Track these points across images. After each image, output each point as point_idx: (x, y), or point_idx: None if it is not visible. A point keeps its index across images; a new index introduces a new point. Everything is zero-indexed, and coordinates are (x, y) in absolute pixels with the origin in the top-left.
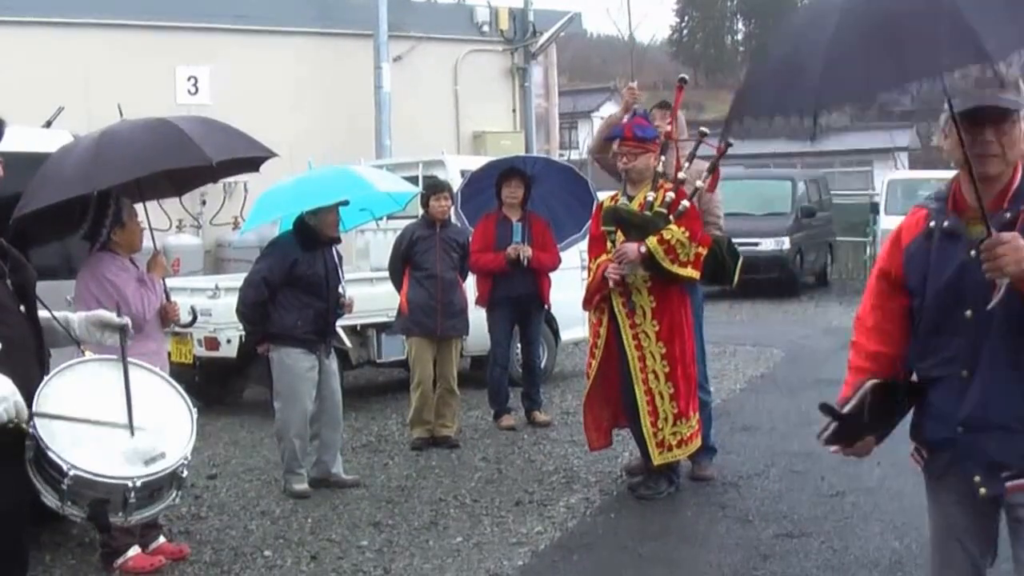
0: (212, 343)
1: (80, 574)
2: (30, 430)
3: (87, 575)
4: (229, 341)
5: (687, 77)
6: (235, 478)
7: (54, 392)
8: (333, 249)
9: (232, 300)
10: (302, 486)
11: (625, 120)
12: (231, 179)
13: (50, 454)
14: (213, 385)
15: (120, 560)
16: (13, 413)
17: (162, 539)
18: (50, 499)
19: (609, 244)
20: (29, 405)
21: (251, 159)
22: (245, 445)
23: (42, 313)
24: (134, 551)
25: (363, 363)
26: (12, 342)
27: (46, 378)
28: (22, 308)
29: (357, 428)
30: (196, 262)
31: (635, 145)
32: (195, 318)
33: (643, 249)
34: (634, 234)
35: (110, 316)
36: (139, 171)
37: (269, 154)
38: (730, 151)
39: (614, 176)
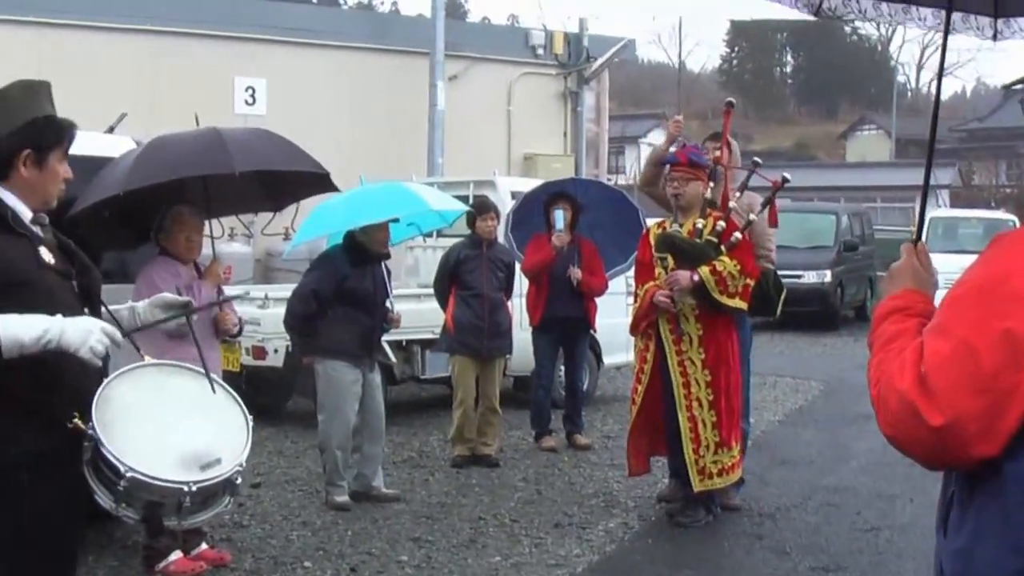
0: (260, 352)
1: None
2: (88, 431)
3: None
4: (276, 351)
5: (734, 101)
6: (278, 487)
7: (114, 393)
8: (382, 264)
9: (281, 311)
10: (343, 498)
11: (673, 149)
12: None
13: (107, 455)
14: (259, 394)
15: (162, 563)
16: (106, 340)
17: (204, 545)
18: (105, 500)
19: (659, 271)
20: (88, 410)
21: (318, 176)
22: (289, 455)
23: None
24: (176, 555)
25: (407, 378)
26: None
27: (106, 380)
28: (86, 310)
29: (399, 443)
30: (246, 271)
31: (687, 171)
32: (241, 329)
33: (695, 278)
34: (686, 262)
35: (172, 296)
36: (165, 176)
37: (319, 170)
38: (758, 178)
39: (663, 208)
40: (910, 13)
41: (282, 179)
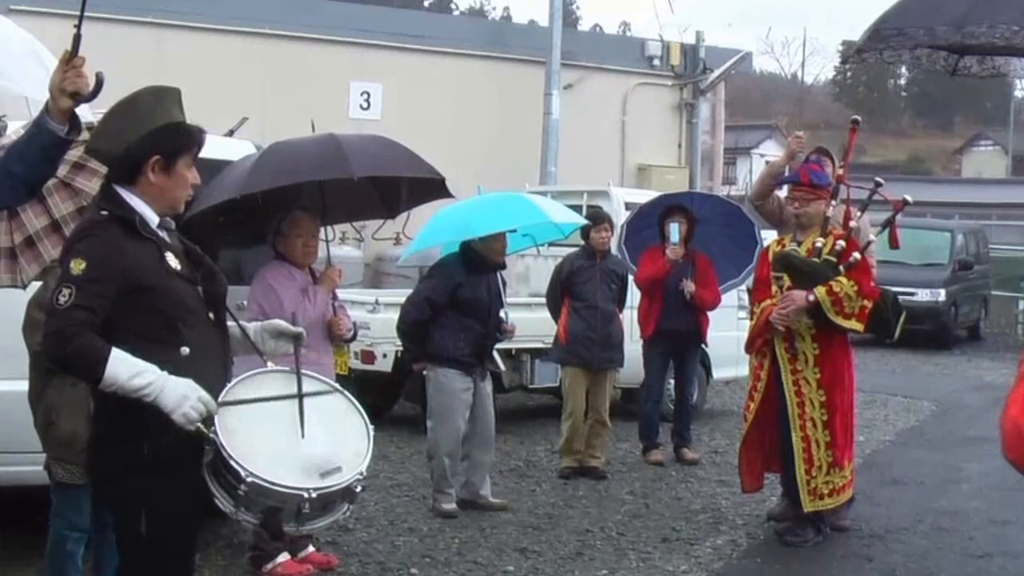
0: (369, 357)
1: (229, 575)
2: (211, 435)
3: None
4: (385, 356)
5: (859, 119)
6: (383, 492)
7: (236, 398)
8: (498, 274)
9: (391, 316)
10: (450, 506)
11: (796, 166)
12: None
13: (229, 460)
14: (367, 398)
15: (269, 565)
16: (202, 408)
17: (312, 548)
18: (225, 504)
19: (776, 289)
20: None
21: (433, 183)
22: (395, 460)
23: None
24: (283, 557)
25: (515, 387)
26: (199, 348)
27: (229, 385)
28: (211, 316)
29: (506, 452)
30: (356, 275)
31: (808, 191)
32: (355, 334)
33: (811, 298)
34: (803, 281)
35: (285, 325)
36: (284, 181)
37: (435, 175)
38: (879, 198)
39: (771, 223)
40: None
41: (397, 185)
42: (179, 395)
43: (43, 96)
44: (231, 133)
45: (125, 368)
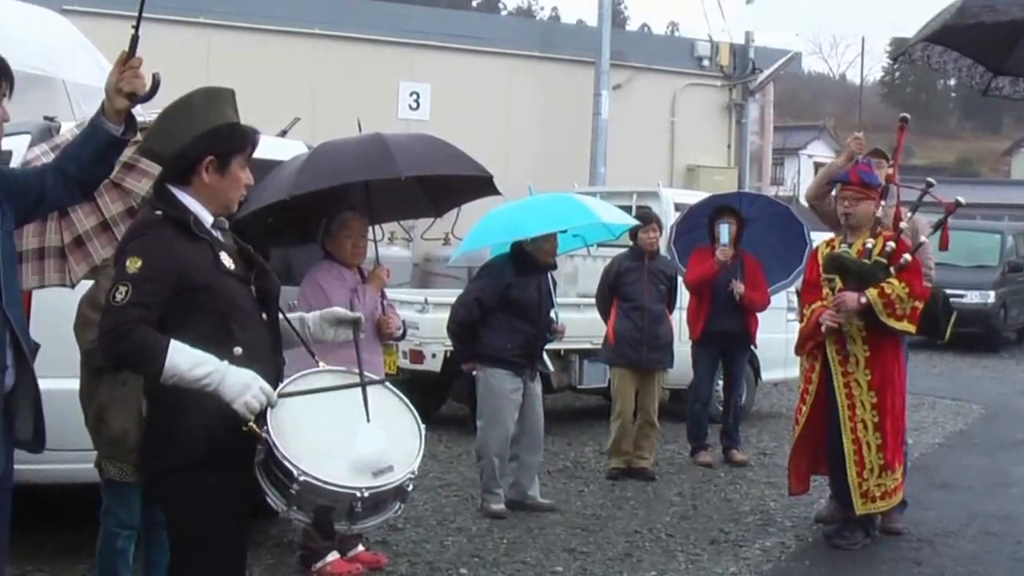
0: (417, 356)
1: (278, 574)
2: (263, 434)
3: (285, 575)
4: (434, 356)
5: (908, 117)
6: (432, 492)
7: (288, 398)
8: (548, 275)
9: (440, 315)
10: (499, 506)
11: (848, 167)
12: None
13: (281, 459)
14: (415, 398)
15: (319, 564)
16: (263, 398)
17: (361, 547)
18: (276, 503)
19: (827, 291)
20: (265, 411)
21: (481, 181)
22: (443, 460)
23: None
24: (333, 556)
25: (563, 388)
26: (252, 349)
27: (281, 385)
28: (264, 315)
29: (554, 452)
30: (404, 275)
31: (858, 191)
32: (405, 332)
33: (863, 300)
34: (854, 283)
35: (344, 311)
36: (332, 181)
37: (482, 173)
38: (930, 199)
39: (827, 224)
40: None
41: (444, 183)
42: (241, 384)
43: (89, 82)
44: (283, 133)
45: (185, 358)
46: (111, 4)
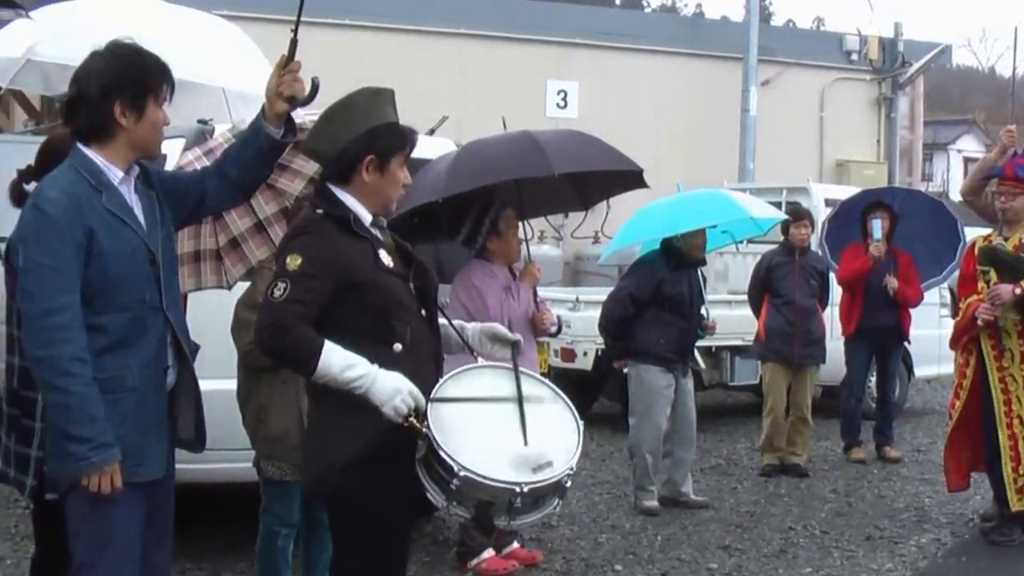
0: (568, 354)
1: (434, 571)
2: (424, 430)
3: (441, 572)
4: (586, 354)
5: None
6: (585, 490)
7: (448, 394)
8: (698, 271)
9: (591, 313)
10: (652, 503)
11: (1002, 161)
12: None
13: (442, 454)
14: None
15: (475, 561)
16: (411, 402)
17: (516, 544)
18: (436, 498)
19: (982, 284)
20: (425, 408)
21: (629, 174)
22: (595, 458)
23: (440, 320)
24: (488, 553)
25: (715, 384)
26: (412, 345)
27: (440, 380)
28: (423, 312)
29: (706, 449)
30: (555, 273)
31: (1014, 185)
32: (560, 328)
33: (1018, 291)
34: (1009, 275)
35: (504, 331)
36: (487, 180)
37: (633, 167)
38: None
39: (986, 219)
40: None
41: (592, 178)
42: (391, 388)
43: (244, 88)
44: (432, 132)
45: (338, 360)
46: (256, 7)
